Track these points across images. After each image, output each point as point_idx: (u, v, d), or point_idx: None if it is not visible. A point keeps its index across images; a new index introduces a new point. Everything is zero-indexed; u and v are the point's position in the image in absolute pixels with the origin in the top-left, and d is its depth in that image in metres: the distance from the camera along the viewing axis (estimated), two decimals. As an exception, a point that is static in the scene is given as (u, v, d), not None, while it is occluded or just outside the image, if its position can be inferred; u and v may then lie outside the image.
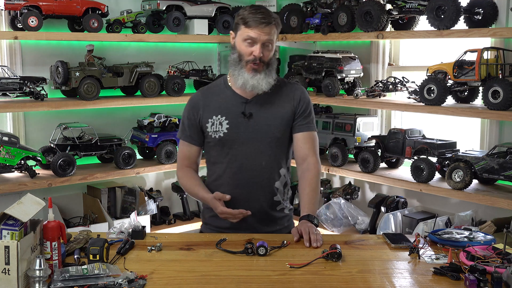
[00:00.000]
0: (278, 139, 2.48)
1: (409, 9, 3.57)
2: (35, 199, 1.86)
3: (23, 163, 3.52)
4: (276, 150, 2.49)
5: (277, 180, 2.51)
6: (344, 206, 3.95)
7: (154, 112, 4.21)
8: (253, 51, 2.37)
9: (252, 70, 2.39)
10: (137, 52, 4.26)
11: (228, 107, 2.47)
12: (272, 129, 2.46)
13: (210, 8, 4.27)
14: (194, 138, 2.52)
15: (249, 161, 2.46)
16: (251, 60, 2.38)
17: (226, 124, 2.44)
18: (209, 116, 2.47)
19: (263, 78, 2.40)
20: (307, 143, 2.50)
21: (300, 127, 2.50)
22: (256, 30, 2.34)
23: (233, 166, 2.47)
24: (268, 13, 2.39)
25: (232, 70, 2.46)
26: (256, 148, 2.45)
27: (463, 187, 3.24)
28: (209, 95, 2.52)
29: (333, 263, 2.01)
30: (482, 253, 1.98)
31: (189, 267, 1.98)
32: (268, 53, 2.41)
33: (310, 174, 2.47)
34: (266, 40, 2.37)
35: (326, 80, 3.98)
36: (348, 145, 3.96)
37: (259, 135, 2.44)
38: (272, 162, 2.49)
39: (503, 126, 3.46)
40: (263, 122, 2.45)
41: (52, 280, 1.76)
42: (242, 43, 2.40)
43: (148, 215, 3.95)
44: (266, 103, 2.47)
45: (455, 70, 3.34)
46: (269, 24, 2.36)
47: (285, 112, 2.48)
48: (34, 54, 3.84)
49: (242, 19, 2.37)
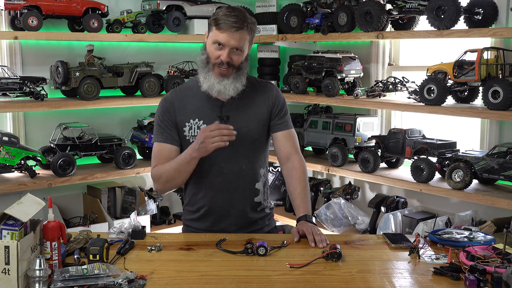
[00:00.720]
0: (256, 141, 2.47)
1: (409, 9, 3.57)
2: (35, 199, 1.86)
3: (23, 163, 3.52)
4: (255, 152, 2.48)
5: (258, 181, 2.50)
6: (344, 206, 3.95)
7: (154, 112, 4.20)
8: (220, 55, 2.32)
9: (219, 75, 2.34)
10: (137, 52, 4.26)
11: (204, 110, 2.42)
12: (250, 132, 2.43)
13: (210, 8, 4.27)
14: (175, 138, 2.44)
15: (228, 165, 2.43)
16: (218, 64, 2.33)
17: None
18: (185, 119, 2.42)
19: (230, 83, 2.35)
20: (288, 142, 2.50)
21: (278, 126, 2.50)
22: (226, 34, 2.28)
23: (212, 170, 2.43)
24: (241, 18, 2.30)
25: (199, 71, 2.41)
26: (235, 152, 2.40)
27: (463, 187, 3.24)
28: (183, 98, 2.46)
29: (333, 263, 2.01)
30: (482, 253, 1.98)
31: (189, 267, 1.98)
32: (237, 57, 2.34)
33: (297, 172, 2.47)
34: (235, 46, 2.30)
35: (326, 80, 3.98)
36: (348, 145, 3.96)
37: (238, 138, 2.34)
38: (252, 164, 2.47)
39: (503, 126, 3.46)
40: (241, 124, 2.40)
41: (52, 280, 1.76)
42: (211, 45, 2.34)
43: (148, 215, 3.95)
44: (242, 105, 2.44)
45: (455, 70, 3.34)
46: (240, 29, 2.28)
47: (262, 113, 2.47)
48: (34, 54, 3.84)
49: (215, 20, 2.31)
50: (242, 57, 2.37)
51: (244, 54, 2.37)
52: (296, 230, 2.29)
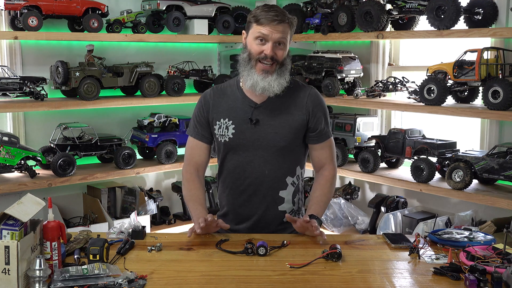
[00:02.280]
0: (283, 148, 2.37)
1: (409, 9, 3.57)
2: (35, 199, 1.86)
3: (23, 163, 3.52)
4: (282, 159, 2.39)
5: (282, 189, 2.43)
6: (344, 206, 3.95)
7: (154, 112, 4.21)
8: (264, 50, 2.27)
9: (262, 71, 2.28)
10: (137, 52, 4.26)
11: (236, 111, 2.39)
12: (277, 138, 2.36)
13: (210, 8, 4.27)
14: (205, 135, 2.45)
15: (252, 168, 2.39)
16: (262, 58, 2.27)
17: (232, 129, 2.38)
18: (217, 118, 2.41)
19: (275, 79, 2.29)
20: (324, 153, 2.45)
21: (316, 138, 2.42)
22: (268, 27, 2.24)
23: (236, 172, 2.41)
24: (282, 12, 2.28)
25: (241, 70, 2.35)
26: (259, 156, 2.37)
27: (463, 187, 3.24)
28: (221, 95, 2.44)
29: (333, 263, 2.01)
30: (482, 253, 1.98)
31: (189, 267, 1.98)
32: (281, 52, 2.28)
33: (323, 179, 2.44)
34: (279, 38, 2.25)
35: (326, 80, 3.98)
36: (348, 145, 3.96)
37: (264, 142, 2.34)
38: (277, 171, 2.40)
39: (503, 126, 3.46)
40: (270, 130, 2.35)
41: (52, 280, 1.76)
42: (253, 41, 2.28)
43: (148, 215, 3.95)
44: (276, 109, 2.37)
45: (455, 70, 3.34)
46: (282, 22, 2.25)
47: (295, 120, 2.37)
48: (34, 54, 3.84)
49: (254, 17, 2.28)
50: (285, 52, 2.32)
51: (286, 49, 2.32)
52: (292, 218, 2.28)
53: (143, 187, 4.19)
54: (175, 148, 4.12)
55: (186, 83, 4.20)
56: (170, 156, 4.09)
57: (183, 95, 4.14)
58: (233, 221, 2.46)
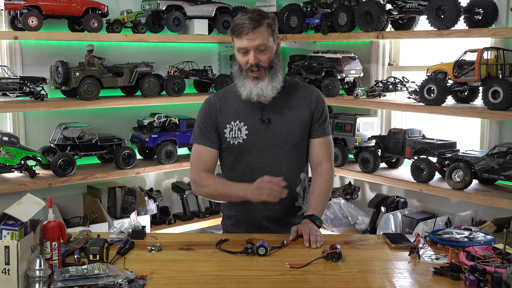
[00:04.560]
0: (297, 144, 2.44)
1: (409, 9, 3.57)
2: (35, 199, 1.86)
3: (23, 163, 3.52)
4: (296, 155, 2.46)
5: (298, 185, 2.49)
6: (344, 206, 3.95)
7: (154, 112, 4.21)
8: (248, 60, 2.32)
9: (254, 79, 2.34)
10: (137, 52, 4.26)
11: (245, 112, 2.41)
12: (291, 134, 2.42)
13: (210, 8, 4.27)
14: (214, 141, 2.44)
15: (269, 168, 2.41)
16: (249, 68, 2.33)
17: (245, 130, 2.40)
18: (227, 121, 2.42)
19: (267, 84, 2.34)
20: (322, 149, 2.48)
21: (317, 132, 2.47)
22: (245, 38, 2.27)
23: (252, 173, 2.40)
24: (255, 16, 2.28)
25: (236, 81, 2.40)
26: (276, 154, 2.41)
27: (463, 187, 3.24)
28: (225, 100, 2.46)
29: (333, 263, 2.01)
30: (482, 253, 1.98)
31: (189, 267, 1.98)
32: (265, 56, 2.33)
33: (321, 178, 2.46)
34: (257, 45, 2.29)
35: (326, 80, 3.98)
36: (348, 145, 3.96)
37: (279, 140, 2.39)
38: (293, 167, 2.45)
39: (503, 126, 3.46)
40: (283, 127, 2.41)
41: (52, 280, 1.76)
42: (238, 53, 2.35)
43: (148, 215, 3.95)
44: (284, 107, 2.42)
45: (455, 70, 3.34)
46: (257, 27, 2.27)
47: (303, 116, 2.44)
48: (34, 54, 3.84)
49: (231, 30, 2.33)
50: (270, 54, 2.35)
51: (271, 51, 2.35)
52: (295, 229, 2.29)
53: (143, 187, 4.19)
54: (175, 148, 4.12)
55: (186, 83, 4.20)
56: (170, 156, 4.09)
57: (183, 95, 4.14)
58: (245, 228, 2.47)
